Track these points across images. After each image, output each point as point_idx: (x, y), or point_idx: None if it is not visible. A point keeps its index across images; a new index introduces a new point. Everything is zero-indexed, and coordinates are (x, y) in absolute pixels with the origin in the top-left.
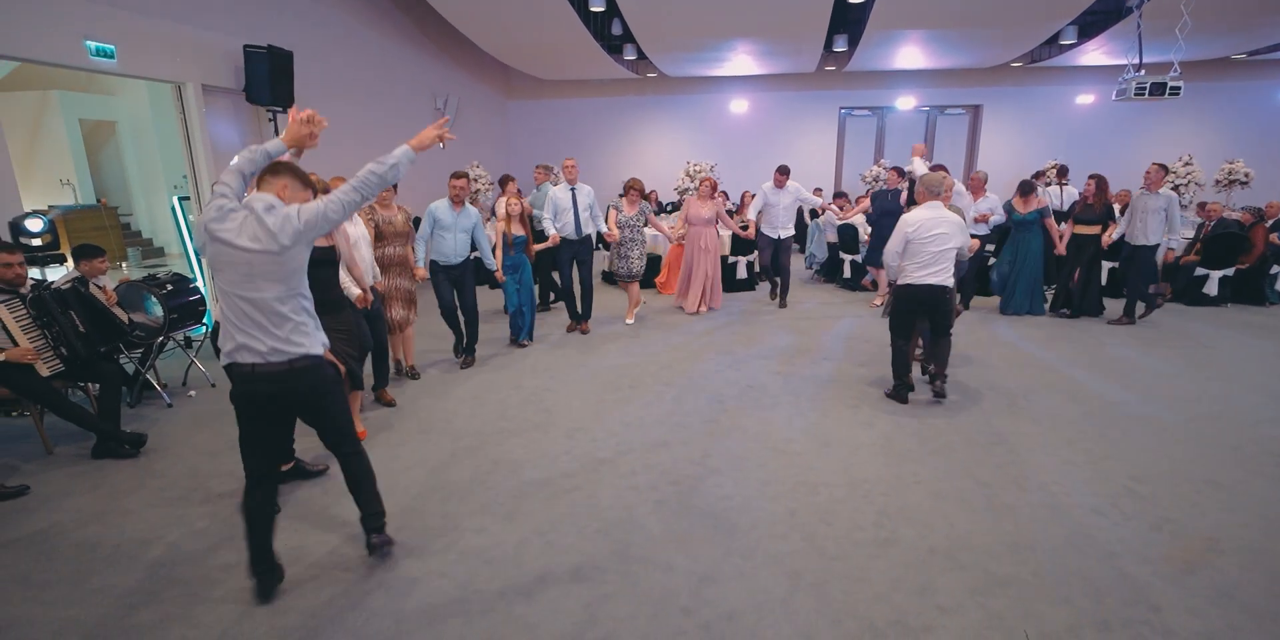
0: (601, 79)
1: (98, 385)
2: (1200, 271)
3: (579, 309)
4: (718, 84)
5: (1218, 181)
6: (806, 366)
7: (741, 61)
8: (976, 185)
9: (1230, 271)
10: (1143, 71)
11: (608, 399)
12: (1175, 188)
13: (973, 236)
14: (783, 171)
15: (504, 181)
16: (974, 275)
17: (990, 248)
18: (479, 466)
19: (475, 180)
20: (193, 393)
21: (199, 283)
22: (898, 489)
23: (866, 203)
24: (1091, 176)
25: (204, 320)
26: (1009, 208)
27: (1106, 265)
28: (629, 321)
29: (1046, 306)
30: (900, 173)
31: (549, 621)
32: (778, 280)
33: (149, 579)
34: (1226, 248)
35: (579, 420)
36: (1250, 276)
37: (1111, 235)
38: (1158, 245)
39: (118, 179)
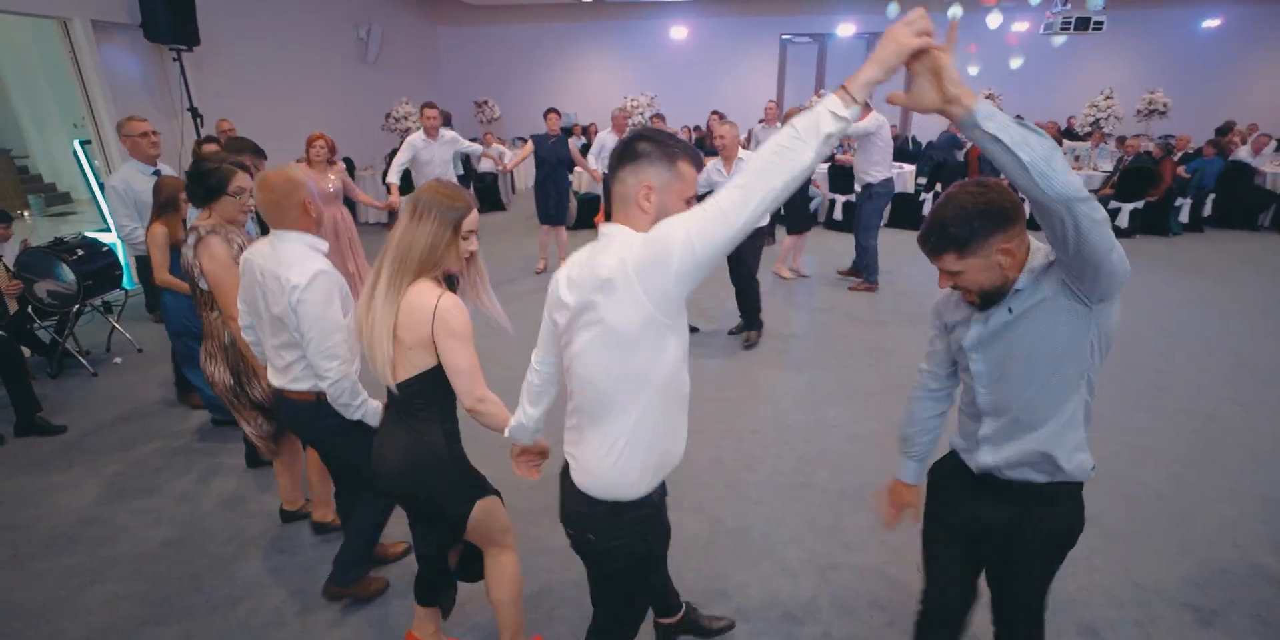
0: (536, 3)
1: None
2: (1113, 205)
3: None
4: (657, 9)
5: (1139, 111)
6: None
7: None
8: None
9: (1140, 204)
10: (1069, 4)
11: None
12: (1095, 122)
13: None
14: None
15: (423, 109)
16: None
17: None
18: None
19: (404, 118)
20: (118, 359)
21: (116, 241)
22: (818, 434)
23: (529, 147)
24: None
25: (121, 285)
26: None
27: None
28: None
29: None
30: (556, 113)
31: None
32: None
33: (90, 559)
34: (1138, 181)
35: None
36: (1157, 209)
37: None
38: None
39: (8, 119)
